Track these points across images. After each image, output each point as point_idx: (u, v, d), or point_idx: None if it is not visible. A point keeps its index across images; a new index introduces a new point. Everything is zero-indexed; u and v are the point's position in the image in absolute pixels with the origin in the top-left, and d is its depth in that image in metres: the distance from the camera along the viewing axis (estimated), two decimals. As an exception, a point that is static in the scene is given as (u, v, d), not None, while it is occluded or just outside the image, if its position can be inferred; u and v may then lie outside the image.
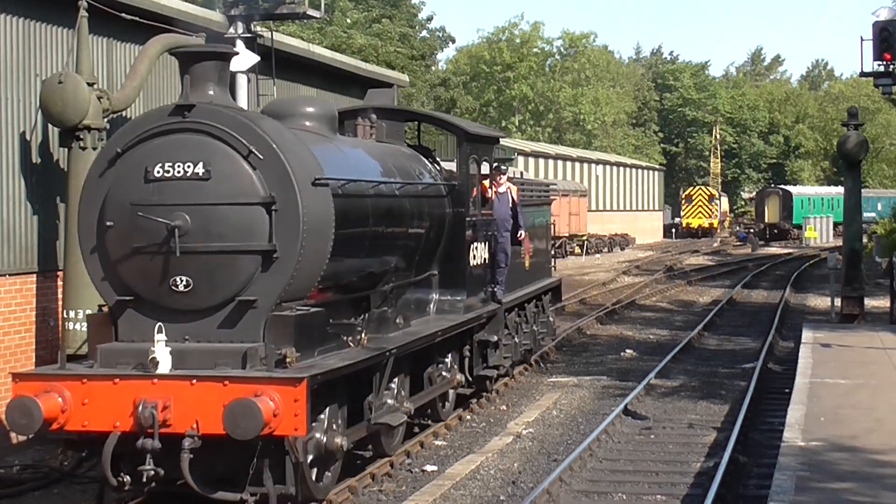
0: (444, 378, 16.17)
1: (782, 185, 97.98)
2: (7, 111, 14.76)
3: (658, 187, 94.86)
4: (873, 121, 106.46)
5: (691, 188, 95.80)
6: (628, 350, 25.38)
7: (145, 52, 15.98)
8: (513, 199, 18.17)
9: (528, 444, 15.93)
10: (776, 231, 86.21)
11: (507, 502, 13.09)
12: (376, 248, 14.05)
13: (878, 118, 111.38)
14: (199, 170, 11.52)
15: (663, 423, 17.39)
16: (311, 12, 19.70)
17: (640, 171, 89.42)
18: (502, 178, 18.06)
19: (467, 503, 13.07)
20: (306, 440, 11.21)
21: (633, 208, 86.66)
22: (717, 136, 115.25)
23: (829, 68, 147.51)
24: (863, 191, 33.49)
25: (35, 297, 15.18)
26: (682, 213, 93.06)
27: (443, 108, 71.42)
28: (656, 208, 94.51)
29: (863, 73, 29.10)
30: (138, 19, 16.41)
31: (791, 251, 70.22)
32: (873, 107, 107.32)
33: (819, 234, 77.11)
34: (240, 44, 18.94)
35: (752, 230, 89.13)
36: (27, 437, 13.32)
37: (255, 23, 19.42)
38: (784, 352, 24.77)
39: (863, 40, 27.97)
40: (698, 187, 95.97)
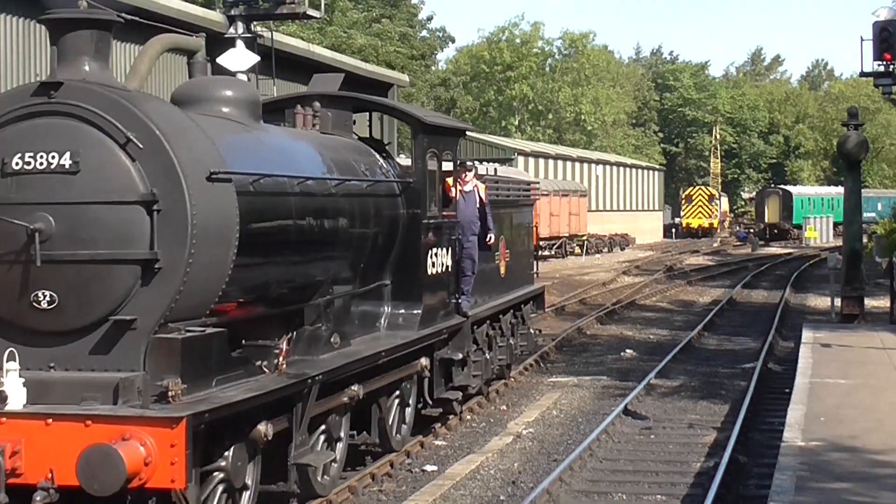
0: (397, 404, 14.43)
1: (782, 185, 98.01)
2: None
3: (658, 187, 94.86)
4: (873, 121, 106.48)
5: (691, 188, 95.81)
6: (628, 350, 25.37)
7: (145, 52, 15.94)
8: (480, 198, 16.45)
9: (528, 444, 15.93)
10: (776, 231, 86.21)
11: (507, 502, 13.08)
12: (305, 254, 12.09)
13: (878, 118, 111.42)
14: (66, 161, 9.49)
15: (663, 423, 17.39)
16: (311, 12, 19.74)
17: (640, 171, 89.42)
18: (468, 175, 16.21)
19: (467, 503, 13.06)
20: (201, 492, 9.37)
21: (633, 208, 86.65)
22: (717, 136, 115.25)
23: (829, 68, 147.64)
24: (863, 191, 33.49)
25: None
26: (682, 213, 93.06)
27: (443, 108, 71.47)
28: (656, 208, 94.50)
29: (863, 73, 29.13)
30: (138, 19, 16.41)
31: (791, 251, 70.21)
32: (873, 107, 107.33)
33: (819, 234, 77.13)
34: (240, 44, 18.95)
35: (752, 230, 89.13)
36: None
37: (255, 23, 19.42)
38: (784, 352, 24.76)
39: (863, 40, 28.02)
40: (698, 187, 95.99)
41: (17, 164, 9.57)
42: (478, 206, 16.32)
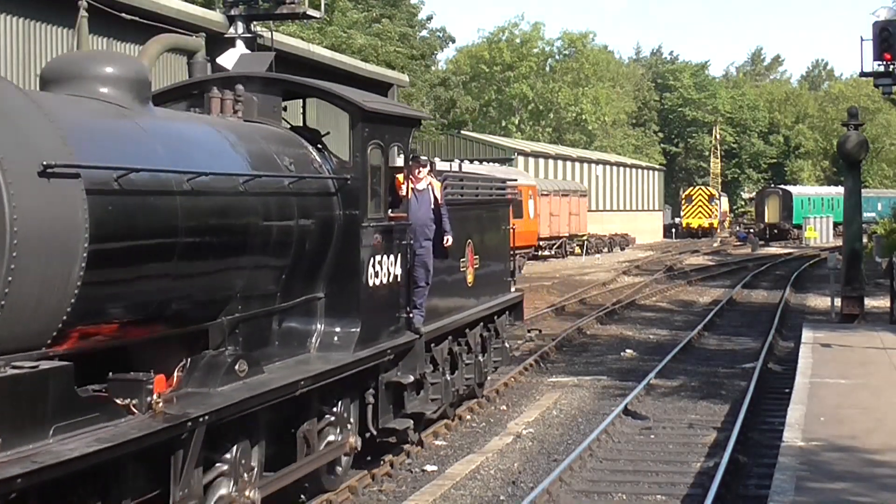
0: (331, 437, 12.33)
1: (782, 185, 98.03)
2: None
3: (658, 187, 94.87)
4: (873, 121, 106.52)
5: (691, 188, 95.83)
6: (628, 350, 25.38)
7: (145, 52, 15.99)
8: (436, 197, 14.48)
9: (528, 444, 15.93)
10: (776, 231, 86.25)
11: (507, 502, 13.08)
12: (198, 265, 9.91)
13: (878, 118, 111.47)
14: None
15: (663, 423, 17.39)
16: (311, 12, 19.74)
17: (640, 171, 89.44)
18: (422, 171, 14.26)
19: (467, 503, 13.07)
20: None
21: (633, 208, 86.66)
22: (717, 136, 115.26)
23: (829, 68, 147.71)
24: (863, 191, 33.50)
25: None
26: (682, 213, 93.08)
27: (443, 107, 71.45)
28: (656, 208, 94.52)
29: (863, 73, 29.13)
30: (138, 19, 16.42)
31: (791, 251, 70.22)
32: (873, 107, 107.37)
33: (819, 234, 77.13)
34: (240, 44, 18.96)
35: (752, 230, 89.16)
36: None
37: (255, 23, 19.43)
38: (784, 352, 24.77)
39: (863, 40, 28.02)
40: (698, 187, 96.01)
41: None
42: (431, 206, 14.33)
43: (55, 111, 8.55)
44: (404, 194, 13.70)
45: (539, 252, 54.79)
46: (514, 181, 21.26)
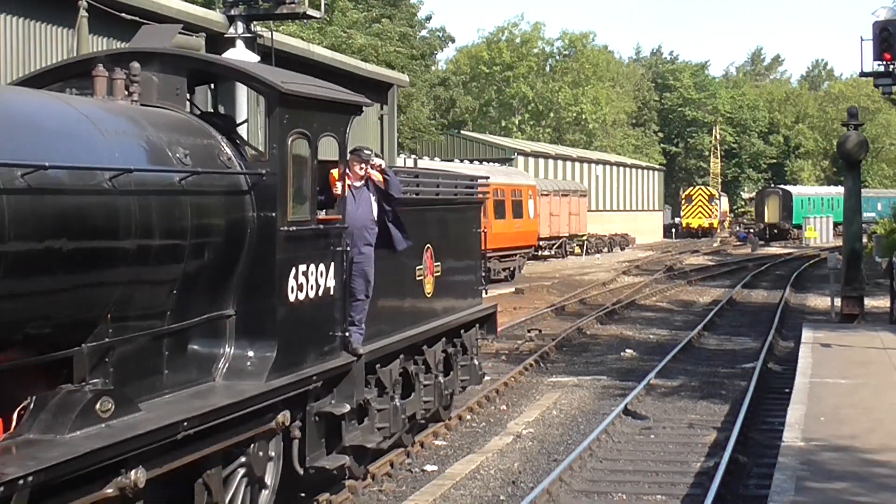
0: (244, 480, 10.28)
1: (782, 185, 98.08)
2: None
3: (658, 187, 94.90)
4: (873, 121, 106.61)
5: (691, 188, 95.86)
6: (628, 350, 25.38)
7: (145, 52, 15.98)
8: (378, 187, 12.42)
9: (528, 444, 15.93)
10: (776, 231, 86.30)
11: (507, 502, 13.08)
12: (40, 281, 7.96)
13: (878, 118, 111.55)
14: None
15: (663, 423, 17.39)
16: (311, 12, 19.73)
17: (640, 171, 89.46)
18: (361, 167, 12.21)
19: (467, 503, 13.07)
20: None
21: (633, 208, 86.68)
22: (717, 136, 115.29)
23: (829, 68, 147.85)
24: (863, 191, 33.51)
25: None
26: (682, 213, 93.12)
27: (443, 107, 71.45)
28: (656, 208, 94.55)
29: (863, 73, 29.15)
30: (138, 19, 16.42)
31: (791, 251, 70.26)
32: (873, 107, 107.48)
33: (819, 234, 77.16)
34: (240, 44, 18.96)
35: (752, 230, 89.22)
36: None
37: (255, 23, 19.43)
38: (784, 352, 24.77)
39: (863, 40, 28.04)
40: (698, 187, 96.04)
41: None
42: (372, 206, 12.32)
43: None
44: (338, 192, 11.62)
45: (539, 252, 54.81)
46: (486, 179, 19.04)
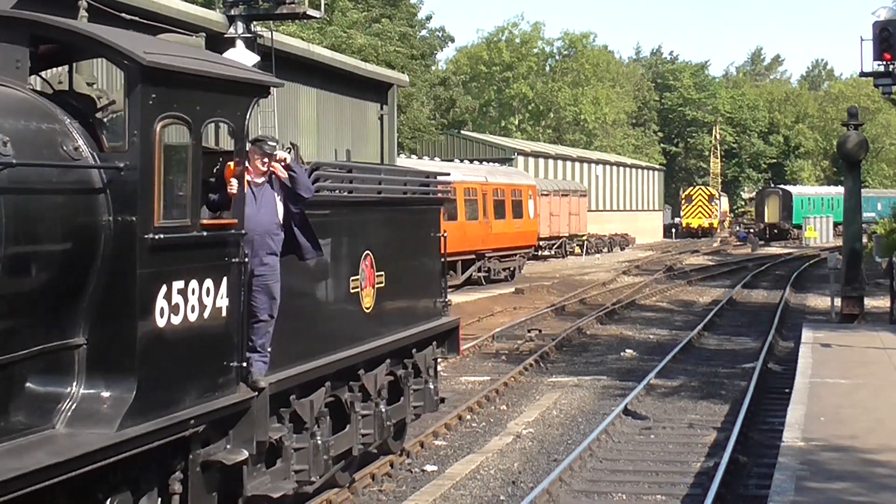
0: None
1: (782, 185, 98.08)
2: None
3: (658, 187, 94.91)
4: (873, 121, 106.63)
5: (691, 188, 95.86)
6: (628, 350, 25.39)
7: (145, 52, 15.98)
8: (285, 185, 10.11)
9: (528, 444, 15.93)
10: (776, 231, 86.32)
11: (507, 502, 13.08)
12: None
13: (878, 118, 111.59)
14: None
15: (663, 423, 17.39)
16: (311, 12, 19.75)
17: (639, 171, 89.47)
18: (263, 161, 9.97)
19: (467, 503, 13.07)
20: None
21: (633, 208, 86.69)
22: (717, 136, 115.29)
23: (829, 68, 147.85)
24: (863, 191, 33.51)
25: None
26: (682, 213, 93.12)
27: (443, 107, 71.42)
28: (656, 208, 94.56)
29: (863, 73, 29.17)
30: (138, 19, 16.41)
31: (791, 251, 70.28)
32: (873, 107, 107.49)
33: (819, 234, 77.16)
34: (240, 44, 18.97)
35: (752, 230, 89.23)
36: None
37: (255, 23, 19.44)
38: (784, 352, 24.78)
39: (863, 40, 28.06)
40: (698, 187, 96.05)
41: None
42: (277, 207, 10.11)
43: None
44: (233, 192, 9.46)
45: (539, 252, 54.83)
46: (447, 175, 16.94)
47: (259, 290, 9.84)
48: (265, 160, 9.98)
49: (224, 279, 9.23)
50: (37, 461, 7.32)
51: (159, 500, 8.75)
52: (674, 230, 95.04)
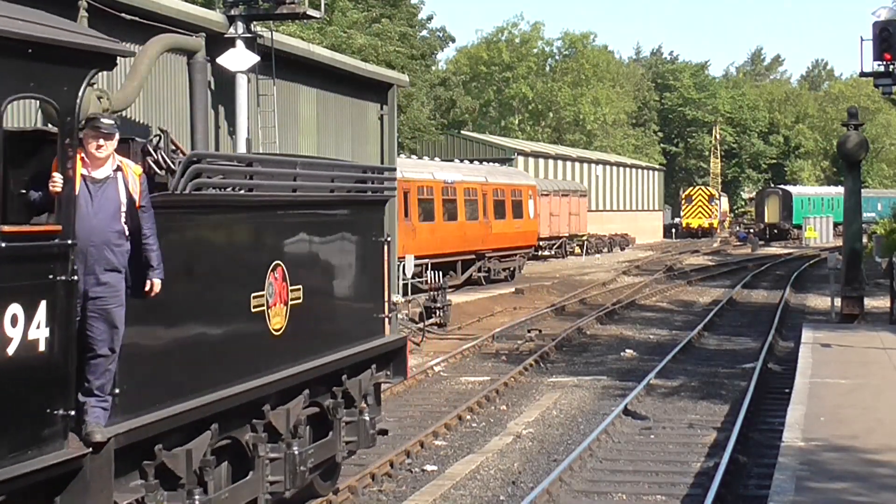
0: None
1: (782, 185, 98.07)
2: (7, 111, 14.72)
3: (658, 187, 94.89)
4: (873, 121, 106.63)
5: (691, 188, 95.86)
6: (628, 350, 25.39)
7: (145, 52, 15.98)
8: (130, 194, 8.02)
9: (528, 444, 15.93)
10: (776, 231, 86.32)
11: (507, 502, 13.08)
12: None
13: (878, 118, 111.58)
14: None
15: (663, 423, 17.39)
16: (311, 12, 19.73)
17: (639, 171, 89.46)
18: (100, 145, 7.86)
19: (467, 503, 13.07)
20: None
21: (633, 208, 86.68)
22: (717, 136, 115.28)
23: (829, 68, 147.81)
24: (863, 191, 33.52)
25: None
26: (682, 214, 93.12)
27: (443, 107, 71.44)
28: (656, 208, 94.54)
29: (863, 73, 29.16)
30: (138, 19, 16.41)
31: (791, 251, 70.29)
32: (873, 107, 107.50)
33: (819, 234, 77.12)
34: (240, 44, 18.96)
35: (752, 230, 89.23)
36: None
37: (255, 23, 19.43)
38: (784, 352, 24.78)
39: (863, 40, 28.04)
40: (698, 187, 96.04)
41: None
42: (122, 208, 7.99)
43: None
44: (59, 189, 7.46)
45: (539, 252, 54.82)
46: (393, 171, 14.97)
47: (95, 317, 7.75)
48: (101, 143, 7.83)
49: (42, 303, 7.14)
50: None
51: None
52: (674, 230, 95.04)
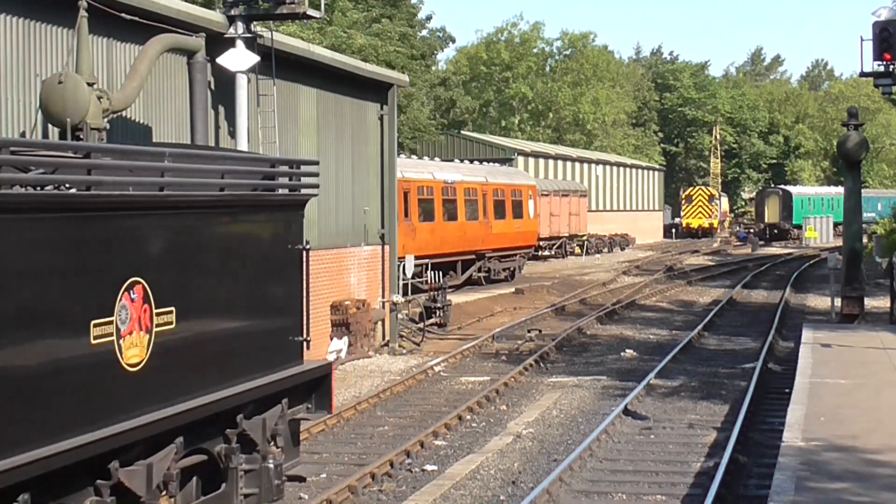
0: None
1: (782, 185, 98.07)
2: (7, 111, 14.74)
3: (658, 187, 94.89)
4: (873, 121, 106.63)
5: (691, 188, 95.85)
6: (628, 350, 25.38)
7: (145, 52, 15.98)
8: None
9: (528, 444, 15.92)
10: (776, 231, 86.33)
11: (507, 502, 13.08)
12: None
13: (878, 118, 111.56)
14: None
15: (663, 423, 17.39)
16: (311, 12, 19.70)
17: (640, 171, 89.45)
18: None
19: (467, 503, 13.06)
20: None
21: (633, 208, 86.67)
22: (717, 136, 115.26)
23: (829, 68, 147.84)
24: (863, 191, 33.52)
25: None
26: (682, 214, 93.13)
27: (443, 107, 71.44)
28: (656, 208, 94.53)
29: (863, 73, 29.15)
30: (138, 19, 16.40)
31: (791, 251, 70.30)
32: (873, 107, 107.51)
33: (819, 234, 77.13)
34: (240, 44, 18.95)
35: (752, 230, 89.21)
36: None
37: (255, 23, 19.42)
38: (784, 352, 24.78)
39: (863, 40, 28.03)
40: (698, 187, 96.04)
41: None
42: None
43: None
44: None
45: (539, 252, 54.81)
46: (315, 164, 13.08)
47: None
48: None
49: None
50: None
51: None
52: (674, 230, 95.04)
